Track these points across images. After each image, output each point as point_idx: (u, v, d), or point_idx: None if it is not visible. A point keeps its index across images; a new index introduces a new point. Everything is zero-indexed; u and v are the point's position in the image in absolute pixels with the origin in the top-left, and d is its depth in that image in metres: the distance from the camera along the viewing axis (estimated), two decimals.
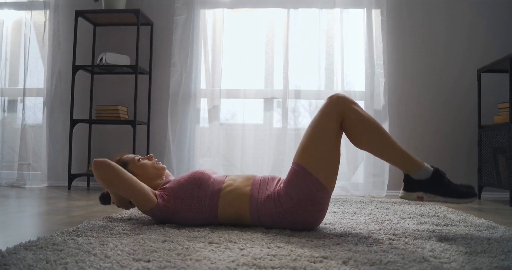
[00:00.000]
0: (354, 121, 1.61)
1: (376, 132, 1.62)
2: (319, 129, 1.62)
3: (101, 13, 3.57)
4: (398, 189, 3.50)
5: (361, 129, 1.62)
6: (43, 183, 3.65)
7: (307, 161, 1.60)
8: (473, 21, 3.61)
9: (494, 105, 3.34)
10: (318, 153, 1.61)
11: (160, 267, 1.06)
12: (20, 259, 1.10)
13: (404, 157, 1.62)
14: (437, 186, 1.59)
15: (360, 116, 1.61)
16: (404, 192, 1.65)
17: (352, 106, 1.62)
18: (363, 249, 1.31)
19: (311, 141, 1.62)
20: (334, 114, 1.61)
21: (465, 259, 1.19)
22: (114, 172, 1.63)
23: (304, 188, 1.58)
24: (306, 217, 1.61)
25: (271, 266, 1.09)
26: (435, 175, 1.60)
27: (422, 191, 1.61)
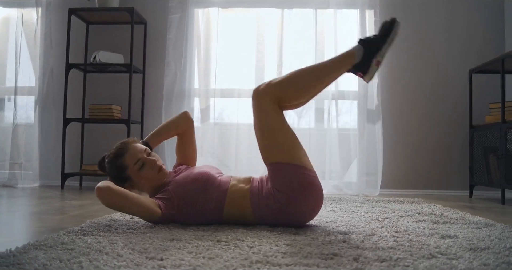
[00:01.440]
0: (286, 92, 1.70)
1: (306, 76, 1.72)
2: (265, 125, 1.69)
3: (94, 11, 3.54)
4: (392, 188, 3.60)
5: (297, 87, 1.71)
6: (35, 182, 3.61)
7: (275, 157, 1.66)
8: (465, 22, 3.67)
9: (485, 105, 3.40)
10: (278, 143, 1.68)
11: (175, 265, 1.06)
12: (33, 259, 1.10)
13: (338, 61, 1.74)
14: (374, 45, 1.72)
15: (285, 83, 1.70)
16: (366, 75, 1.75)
17: (272, 85, 1.70)
18: (370, 246, 1.33)
19: (266, 138, 1.69)
20: (267, 104, 1.68)
21: (471, 255, 1.22)
22: (117, 198, 1.56)
23: (288, 178, 1.62)
24: (306, 203, 1.63)
25: (284, 264, 1.10)
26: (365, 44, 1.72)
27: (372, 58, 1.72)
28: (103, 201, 1.56)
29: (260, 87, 1.73)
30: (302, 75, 1.74)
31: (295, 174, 1.63)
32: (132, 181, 1.71)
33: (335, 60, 1.75)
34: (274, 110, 1.70)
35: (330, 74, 1.75)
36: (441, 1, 3.70)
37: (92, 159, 3.77)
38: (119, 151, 1.72)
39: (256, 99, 1.72)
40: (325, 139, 3.62)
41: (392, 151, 3.63)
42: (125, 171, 1.69)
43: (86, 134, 3.79)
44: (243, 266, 1.08)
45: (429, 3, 3.70)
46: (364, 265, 1.11)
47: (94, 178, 3.76)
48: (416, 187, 3.61)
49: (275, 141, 1.69)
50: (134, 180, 1.71)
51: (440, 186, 3.59)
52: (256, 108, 1.72)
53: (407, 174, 3.64)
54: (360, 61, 1.73)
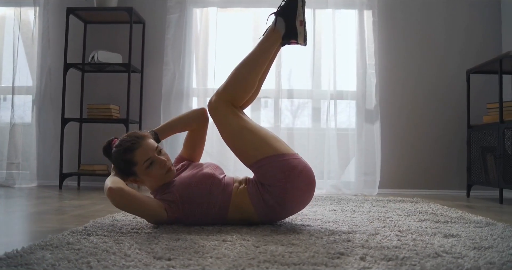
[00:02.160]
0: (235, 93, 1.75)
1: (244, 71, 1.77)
2: (230, 132, 1.73)
3: (93, 10, 3.53)
4: (390, 188, 3.62)
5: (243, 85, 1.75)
6: (33, 182, 3.59)
7: (251, 157, 1.68)
8: (462, 23, 3.70)
9: (483, 105, 3.42)
10: (248, 143, 1.70)
11: (184, 265, 1.07)
12: (40, 259, 1.09)
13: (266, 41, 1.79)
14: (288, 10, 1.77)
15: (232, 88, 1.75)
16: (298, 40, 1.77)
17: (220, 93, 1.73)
18: (375, 245, 1.34)
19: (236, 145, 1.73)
20: (223, 112, 1.72)
21: (476, 254, 1.23)
22: (128, 200, 1.55)
23: (271, 170, 1.64)
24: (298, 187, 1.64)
25: (292, 263, 1.10)
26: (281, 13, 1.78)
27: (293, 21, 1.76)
28: (113, 201, 1.55)
29: (212, 99, 1.76)
30: (240, 70, 1.77)
31: (275, 164, 1.64)
32: (137, 176, 1.68)
33: (262, 42, 1.79)
34: (232, 115, 1.73)
35: (264, 56, 1.79)
36: (439, 2, 3.72)
37: (90, 159, 3.76)
38: (131, 145, 1.65)
39: (212, 112, 1.75)
40: (323, 139, 3.63)
41: (390, 151, 3.65)
42: (133, 167, 1.65)
43: (84, 134, 3.77)
44: (251, 265, 1.08)
45: (427, 4, 3.72)
46: (371, 264, 1.12)
47: (92, 178, 3.74)
48: (414, 187, 3.63)
49: (244, 143, 1.71)
50: (139, 176, 1.68)
51: (438, 186, 3.62)
52: (216, 121, 1.75)
53: (405, 174, 3.66)
54: (285, 31, 1.76)
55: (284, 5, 1.78)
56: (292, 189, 1.63)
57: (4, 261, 1.07)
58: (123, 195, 1.54)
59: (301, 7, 1.76)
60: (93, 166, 3.53)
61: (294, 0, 1.76)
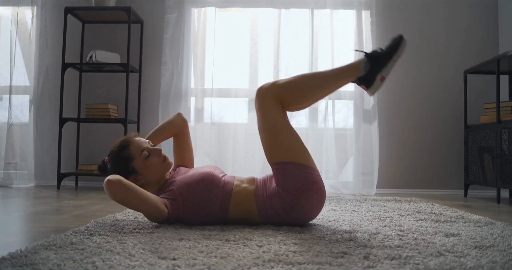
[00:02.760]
0: (290, 94, 1.72)
1: (310, 82, 1.74)
2: (269, 125, 1.71)
3: (91, 10, 3.52)
4: (388, 187, 3.64)
5: (300, 92, 1.73)
6: (30, 182, 3.58)
7: (279, 156, 1.68)
8: (459, 24, 3.72)
9: (480, 106, 3.45)
10: (282, 143, 1.70)
11: (189, 265, 1.07)
12: (45, 259, 1.09)
13: (342, 72, 1.75)
14: (380, 60, 1.72)
15: (289, 86, 1.72)
16: (369, 89, 1.76)
17: (276, 86, 1.72)
18: (377, 244, 1.35)
19: (270, 138, 1.71)
20: (270, 104, 1.70)
21: (478, 253, 1.24)
22: (127, 192, 1.53)
23: (296, 178, 1.64)
24: (310, 201, 1.65)
25: (297, 262, 1.11)
26: (371, 58, 1.73)
27: (376, 74, 1.72)
28: (112, 194, 1.52)
29: (265, 86, 1.74)
30: (307, 80, 1.76)
31: (299, 173, 1.64)
32: (137, 173, 1.68)
33: (340, 70, 1.76)
34: (278, 110, 1.72)
35: (334, 83, 1.77)
36: (436, 3, 3.74)
37: (88, 159, 3.75)
38: (124, 143, 1.72)
39: (260, 97, 1.73)
40: (321, 139, 3.64)
41: (387, 150, 3.67)
42: (131, 162, 1.67)
43: (82, 134, 3.77)
44: (257, 265, 1.08)
45: (425, 5, 3.74)
46: (375, 263, 1.12)
47: (90, 178, 3.74)
48: (411, 187, 3.65)
49: (279, 140, 1.71)
50: (139, 172, 1.68)
51: (436, 186, 3.63)
52: (259, 107, 1.73)
53: (403, 174, 3.67)
54: (364, 75, 1.74)
55: (379, 53, 1.74)
56: (304, 201, 1.63)
57: (9, 261, 1.07)
58: (122, 186, 1.51)
59: (391, 65, 1.73)
60: (91, 166, 3.52)
61: (390, 56, 1.73)
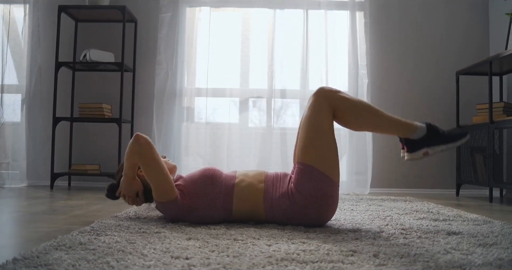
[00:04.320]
0: (345, 109, 1.69)
1: (368, 112, 1.71)
2: (315, 126, 1.68)
3: (85, 9, 3.49)
4: (381, 187, 3.68)
5: (354, 114, 1.70)
6: (22, 182, 3.54)
7: (311, 159, 1.66)
8: (452, 26, 3.78)
9: (472, 106, 3.51)
10: (319, 148, 1.67)
11: (204, 264, 1.07)
12: (58, 259, 1.09)
13: (399, 124, 1.71)
14: (435, 138, 1.70)
15: (349, 103, 1.69)
16: (409, 154, 1.72)
17: (339, 95, 1.69)
18: (383, 243, 1.37)
19: (310, 138, 1.68)
20: (325, 107, 1.68)
21: (483, 251, 1.27)
22: (152, 150, 1.63)
23: (314, 185, 1.63)
24: (319, 212, 1.66)
25: (310, 261, 1.12)
26: (430, 129, 1.70)
27: (425, 146, 1.70)
28: (137, 146, 1.61)
29: (327, 88, 1.71)
30: (366, 109, 1.71)
31: (322, 183, 1.63)
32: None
33: (398, 122, 1.70)
34: (329, 115, 1.69)
35: (385, 127, 1.73)
36: (429, 5, 3.80)
37: (81, 159, 3.72)
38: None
39: (318, 96, 1.70)
40: None
41: (381, 150, 3.71)
42: None
43: (75, 133, 3.73)
44: (271, 263, 1.09)
45: (417, 7, 3.79)
46: (386, 261, 1.14)
47: (83, 178, 3.71)
48: (404, 186, 3.70)
49: (317, 144, 1.67)
50: None
51: (428, 185, 3.69)
52: (313, 104, 1.70)
53: (396, 173, 3.72)
54: (414, 140, 1.70)
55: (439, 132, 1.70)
56: (315, 210, 1.64)
57: (22, 261, 1.06)
58: (149, 143, 1.63)
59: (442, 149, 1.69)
60: (85, 165, 3.49)
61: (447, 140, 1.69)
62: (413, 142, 1.70)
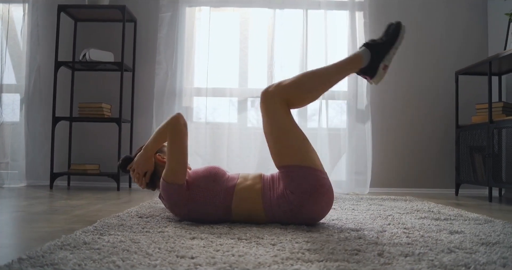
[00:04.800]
0: (295, 94, 1.73)
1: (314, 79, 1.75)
2: (277, 128, 1.71)
3: (85, 8, 3.49)
4: (381, 187, 3.68)
5: (305, 90, 1.74)
6: (22, 182, 3.53)
7: (287, 159, 1.68)
8: (452, 25, 3.80)
9: (471, 106, 3.52)
10: (291, 146, 1.69)
11: (209, 263, 1.07)
12: (63, 259, 1.09)
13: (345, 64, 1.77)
14: (381, 50, 1.74)
15: (294, 85, 1.73)
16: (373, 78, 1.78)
17: (281, 87, 1.73)
18: (387, 242, 1.38)
19: (278, 141, 1.71)
20: (277, 106, 1.71)
21: (487, 250, 1.27)
22: (186, 133, 1.71)
23: (301, 181, 1.64)
24: (318, 204, 1.66)
25: (315, 260, 1.13)
26: (372, 48, 1.75)
27: (379, 63, 1.75)
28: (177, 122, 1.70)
29: (270, 88, 1.74)
30: (310, 78, 1.76)
31: (308, 176, 1.64)
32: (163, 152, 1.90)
33: (342, 64, 1.77)
34: (285, 112, 1.72)
35: (338, 77, 1.79)
36: (428, 5, 3.81)
37: (81, 158, 3.71)
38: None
39: (265, 100, 1.73)
40: (315, 139, 3.66)
41: (380, 150, 3.72)
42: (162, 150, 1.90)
43: (74, 133, 3.73)
44: (276, 262, 1.10)
45: (416, 7, 3.80)
46: (390, 260, 1.15)
47: (82, 177, 3.70)
48: (404, 186, 3.71)
49: (286, 144, 1.70)
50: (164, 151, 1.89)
51: (427, 185, 3.70)
52: (265, 110, 1.73)
53: (395, 173, 3.73)
54: (367, 65, 1.76)
55: (379, 43, 1.76)
56: (313, 204, 1.64)
57: (27, 261, 1.06)
58: (186, 125, 1.73)
59: (393, 53, 1.76)
60: (85, 165, 3.48)
61: (391, 44, 1.75)
62: (368, 68, 1.75)
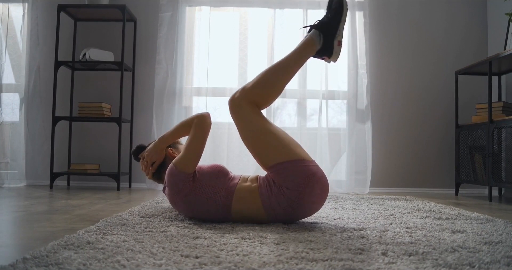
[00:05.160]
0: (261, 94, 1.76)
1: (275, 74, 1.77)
2: (253, 131, 1.72)
3: (85, 8, 3.48)
4: (381, 186, 3.69)
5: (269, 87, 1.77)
6: (21, 182, 3.52)
7: (271, 158, 1.69)
8: (451, 25, 3.80)
9: (471, 106, 3.53)
10: (269, 145, 1.71)
11: (214, 263, 1.07)
12: (68, 258, 1.08)
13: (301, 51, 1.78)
14: (330, 28, 1.76)
15: (259, 86, 1.76)
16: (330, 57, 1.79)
17: (245, 91, 1.75)
18: (390, 241, 1.38)
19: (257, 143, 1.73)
20: (247, 110, 1.73)
21: (490, 249, 1.28)
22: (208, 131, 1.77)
23: (291, 174, 1.64)
24: (314, 193, 1.66)
25: (320, 259, 1.13)
26: (320, 27, 1.76)
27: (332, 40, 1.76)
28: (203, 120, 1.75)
29: (236, 95, 1.76)
30: (273, 73, 1.78)
31: (296, 168, 1.65)
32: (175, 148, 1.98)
33: (297, 51, 1.79)
34: (256, 114, 1.74)
35: (297, 65, 1.80)
36: (428, 5, 3.81)
37: (81, 158, 3.71)
38: None
39: (235, 108, 1.74)
40: (315, 139, 3.67)
41: (380, 150, 3.72)
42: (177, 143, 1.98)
43: (74, 133, 3.72)
44: (281, 262, 1.10)
45: (416, 7, 3.81)
46: (395, 259, 1.15)
47: (81, 177, 3.70)
48: (404, 185, 3.71)
49: (266, 145, 1.71)
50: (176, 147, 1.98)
51: (427, 184, 3.70)
52: (237, 117, 1.75)
53: (395, 173, 3.73)
54: (322, 46, 1.77)
55: (325, 20, 1.77)
56: (309, 194, 1.65)
57: (32, 261, 1.06)
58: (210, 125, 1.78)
59: (342, 27, 1.76)
60: (85, 165, 3.48)
61: (337, 19, 1.76)
62: (323, 48, 1.77)
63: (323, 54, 1.78)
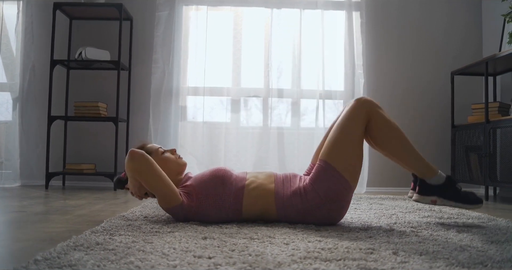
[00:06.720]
0: (379, 125, 1.69)
1: (399, 138, 1.71)
2: (348, 130, 1.67)
3: (81, 6, 3.44)
4: (377, 186, 3.70)
5: (385, 133, 1.70)
6: (16, 182, 3.48)
7: (335, 160, 1.65)
8: (448, 26, 3.83)
9: (467, 106, 3.56)
10: (345, 152, 1.67)
11: (229, 263, 1.07)
12: (80, 260, 1.07)
13: (422, 162, 1.73)
14: (450, 192, 1.72)
15: (386, 121, 1.70)
16: (418, 195, 1.75)
17: (378, 110, 1.70)
18: (398, 240, 1.38)
19: (339, 140, 1.67)
20: (362, 116, 1.67)
21: (498, 247, 1.29)
22: (148, 165, 1.62)
23: (332, 186, 1.64)
24: (331, 213, 1.67)
25: (334, 259, 1.13)
26: (448, 181, 1.72)
27: (436, 195, 1.73)
28: (132, 164, 1.61)
29: (370, 99, 1.71)
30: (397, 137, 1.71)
31: (339, 185, 1.64)
32: None
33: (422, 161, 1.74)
34: (363, 124, 1.68)
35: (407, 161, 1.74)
36: (424, 6, 3.84)
37: (77, 158, 3.67)
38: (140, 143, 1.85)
39: (359, 103, 1.69)
40: (312, 138, 3.67)
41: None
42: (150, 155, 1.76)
43: (70, 132, 3.68)
44: (295, 262, 1.09)
45: (413, 8, 3.84)
46: (407, 258, 1.15)
47: (77, 177, 3.66)
48: (400, 185, 3.73)
49: (344, 147, 1.67)
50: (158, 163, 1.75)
51: None
52: (351, 110, 1.69)
53: (391, 172, 3.75)
54: (429, 184, 1.73)
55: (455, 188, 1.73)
56: (327, 211, 1.65)
57: (43, 262, 1.05)
58: (144, 158, 1.62)
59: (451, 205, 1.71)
60: (81, 165, 3.44)
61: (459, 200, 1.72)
62: (427, 186, 1.73)
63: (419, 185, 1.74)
